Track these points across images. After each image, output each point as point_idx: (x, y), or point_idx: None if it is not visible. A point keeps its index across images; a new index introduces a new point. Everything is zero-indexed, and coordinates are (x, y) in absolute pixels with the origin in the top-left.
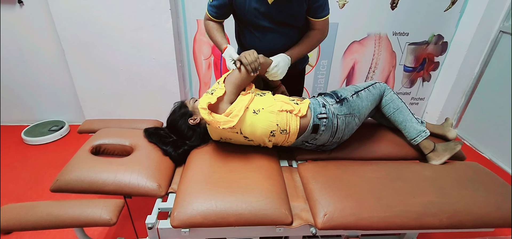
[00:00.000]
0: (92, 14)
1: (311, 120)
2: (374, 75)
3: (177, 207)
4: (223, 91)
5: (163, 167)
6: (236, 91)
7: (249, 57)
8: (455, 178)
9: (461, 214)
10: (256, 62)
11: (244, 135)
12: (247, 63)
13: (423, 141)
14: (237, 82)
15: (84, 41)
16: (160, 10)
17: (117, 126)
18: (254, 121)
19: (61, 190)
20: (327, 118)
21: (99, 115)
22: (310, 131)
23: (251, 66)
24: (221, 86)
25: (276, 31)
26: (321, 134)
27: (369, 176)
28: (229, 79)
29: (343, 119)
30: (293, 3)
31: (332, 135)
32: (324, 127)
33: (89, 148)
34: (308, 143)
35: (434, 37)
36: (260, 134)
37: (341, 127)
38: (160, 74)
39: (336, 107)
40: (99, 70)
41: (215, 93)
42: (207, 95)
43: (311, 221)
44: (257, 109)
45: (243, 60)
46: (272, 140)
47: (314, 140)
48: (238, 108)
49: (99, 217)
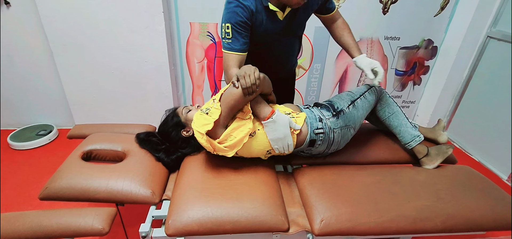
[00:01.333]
0: (83, 15)
1: (308, 135)
2: (367, 79)
3: (171, 214)
4: (219, 113)
5: (157, 173)
6: (231, 114)
7: (248, 79)
8: (448, 182)
9: (455, 218)
10: (254, 86)
11: (240, 155)
12: (245, 85)
13: (417, 145)
14: (233, 105)
15: (74, 43)
16: (153, 12)
17: (109, 130)
18: (251, 143)
19: (51, 198)
20: (324, 133)
21: (89, 120)
22: (307, 144)
23: (248, 90)
24: (217, 106)
25: (282, 43)
26: (317, 147)
27: (365, 181)
28: (225, 100)
29: (339, 132)
30: (300, 13)
31: (328, 147)
32: (321, 142)
33: (79, 154)
34: (303, 152)
35: (424, 41)
36: (256, 153)
37: (337, 139)
38: (153, 77)
39: (332, 121)
40: (90, 73)
41: (212, 116)
42: (202, 116)
43: (307, 227)
44: (253, 131)
45: (242, 81)
46: (268, 156)
47: (310, 151)
48: (236, 139)
49: (91, 226)
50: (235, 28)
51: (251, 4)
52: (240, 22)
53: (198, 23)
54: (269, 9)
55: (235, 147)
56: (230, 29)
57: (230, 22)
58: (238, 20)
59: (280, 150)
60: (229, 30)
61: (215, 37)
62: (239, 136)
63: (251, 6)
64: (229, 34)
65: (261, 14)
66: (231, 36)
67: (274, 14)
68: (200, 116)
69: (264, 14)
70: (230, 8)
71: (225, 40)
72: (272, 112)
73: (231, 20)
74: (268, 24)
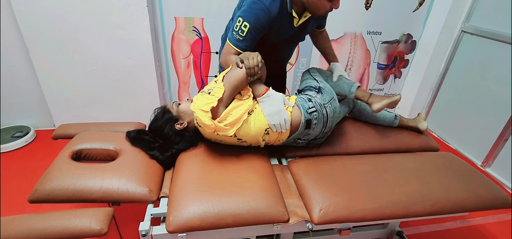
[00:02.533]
0: (61, 10)
1: (303, 117)
2: (351, 72)
3: (172, 211)
4: (222, 92)
5: (153, 171)
6: (234, 94)
7: (252, 60)
8: (433, 168)
9: (442, 201)
10: (257, 67)
11: (238, 137)
12: (249, 66)
13: (358, 91)
14: (236, 84)
15: (52, 39)
16: (136, 7)
17: (97, 129)
18: (250, 122)
19: (41, 200)
20: (317, 111)
21: (70, 119)
22: (303, 127)
23: (251, 71)
24: (220, 86)
25: (286, 47)
26: (314, 127)
27: (358, 169)
28: (228, 80)
29: (330, 107)
30: (310, 24)
31: (324, 125)
32: (316, 120)
33: (69, 154)
34: (300, 140)
35: (404, 36)
36: (255, 134)
37: (330, 114)
38: (137, 74)
39: (319, 97)
40: (69, 71)
41: (215, 95)
42: (204, 96)
43: (307, 217)
44: (250, 110)
45: (246, 62)
46: (266, 138)
47: (307, 135)
48: (236, 117)
49: (89, 227)
50: (252, 30)
51: (275, 9)
52: (260, 27)
53: (183, 18)
54: (291, 15)
55: (235, 124)
56: (247, 29)
57: (250, 23)
58: (259, 24)
59: (277, 127)
60: (245, 29)
61: (201, 33)
62: (238, 113)
63: (274, 10)
64: (244, 32)
65: (281, 19)
66: (244, 36)
67: (292, 21)
68: (202, 97)
69: (284, 19)
70: (254, 8)
71: (237, 35)
72: (267, 89)
73: (252, 22)
74: (284, 29)
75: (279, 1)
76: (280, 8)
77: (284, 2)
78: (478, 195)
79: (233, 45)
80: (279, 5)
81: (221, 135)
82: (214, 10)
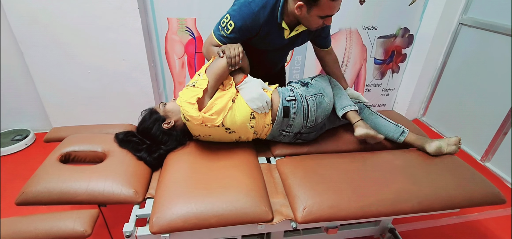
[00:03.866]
0: (53, 14)
1: (280, 103)
2: (347, 68)
3: (155, 212)
4: (206, 83)
5: (139, 172)
6: (217, 84)
7: (233, 50)
8: (424, 165)
9: (430, 198)
10: (238, 57)
11: (226, 127)
12: (229, 55)
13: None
14: (219, 73)
15: (46, 43)
16: (127, 9)
17: (88, 132)
18: (235, 110)
19: (28, 202)
20: (296, 100)
21: (67, 122)
22: (280, 114)
23: (232, 60)
24: (204, 77)
25: (277, 54)
26: (293, 117)
27: (346, 168)
28: (210, 71)
29: (313, 100)
30: (304, 37)
31: (305, 117)
32: (295, 109)
33: (57, 156)
34: (284, 131)
35: (401, 30)
36: (241, 120)
37: (312, 108)
38: (132, 75)
39: (303, 89)
40: (65, 73)
41: (200, 86)
42: (189, 89)
43: (291, 216)
44: (233, 98)
45: (227, 52)
46: (253, 124)
47: (289, 126)
48: (221, 105)
49: (72, 229)
50: (236, 30)
51: (263, 16)
52: (245, 29)
53: (175, 18)
54: (280, 26)
55: (221, 112)
56: (232, 27)
57: (236, 24)
58: (244, 27)
59: (260, 109)
60: (231, 28)
61: (194, 32)
62: (223, 102)
63: (262, 18)
64: (228, 30)
65: (269, 26)
66: (228, 34)
67: (282, 32)
68: (187, 90)
69: (272, 28)
70: (243, 11)
71: (221, 31)
72: (245, 76)
73: (238, 23)
74: (272, 38)
75: (269, 10)
76: (268, 17)
77: (275, 12)
78: (468, 191)
79: (216, 39)
80: (268, 14)
81: (209, 125)
82: (207, 9)
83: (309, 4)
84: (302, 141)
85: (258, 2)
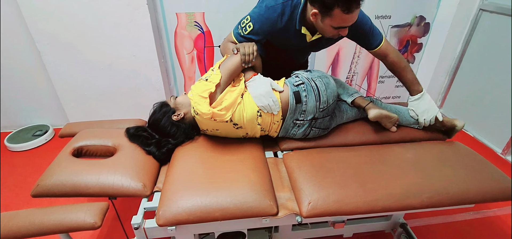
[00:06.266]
0: (66, 13)
1: (290, 90)
2: (359, 59)
3: (162, 205)
4: (219, 78)
5: (148, 166)
6: (230, 80)
7: (247, 48)
8: (436, 159)
9: (441, 193)
10: (252, 55)
11: (234, 123)
12: (244, 53)
13: (358, 98)
14: (232, 70)
15: (61, 42)
16: (136, 5)
17: (99, 127)
18: (242, 104)
19: (43, 195)
20: (303, 83)
21: (83, 117)
22: (293, 101)
23: (246, 58)
24: (217, 73)
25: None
26: (306, 101)
27: (353, 162)
28: (224, 66)
29: (320, 80)
30: (323, 41)
31: (317, 98)
32: (305, 92)
33: (70, 151)
34: (298, 121)
35: (416, 18)
36: (249, 117)
37: (321, 88)
38: (143, 71)
39: (307, 73)
40: (79, 71)
41: (213, 81)
42: (201, 82)
43: (296, 210)
44: (242, 93)
45: (241, 49)
46: (260, 122)
47: (303, 112)
48: (230, 101)
49: (83, 221)
50: (255, 32)
51: (282, 23)
52: (262, 32)
53: (184, 13)
54: (300, 32)
55: (231, 108)
56: (250, 29)
57: (255, 26)
58: (261, 29)
59: (266, 108)
60: (249, 29)
61: (203, 27)
62: (232, 97)
63: (281, 24)
64: (247, 31)
65: (289, 32)
66: (246, 33)
67: (303, 37)
68: (200, 84)
69: (292, 33)
70: (262, 15)
71: (240, 30)
72: (254, 74)
73: (256, 26)
74: (293, 42)
75: (287, 17)
76: (287, 23)
77: (294, 19)
78: (483, 186)
79: (235, 37)
80: (287, 20)
81: (218, 120)
82: (215, 4)
83: (323, 13)
84: (317, 129)
85: (276, 8)
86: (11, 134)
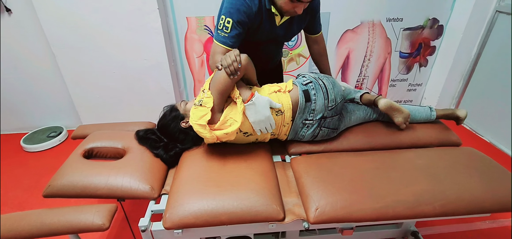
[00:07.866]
0: (80, 18)
1: (299, 89)
2: (370, 63)
3: (169, 208)
4: (212, 101)
5: (156, 169)
6: (223, 98)
7: (228, 59)
8: (449, 165)
9: (454, 201)
10: (235, 63)
11: (244, 132)
12: (226, 65)
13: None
14: (221, 88)
15: (74, 46)
16: (147, 10)
17: (110, 129)
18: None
19: (54, 195)
20: (312, 82)
21: (95, 119)
22: (303, 99)
23: (230, 68)
24: (208, 95)
25: (270, 47)
26: (315, 99)
27: (362, 167)
28: (213, 86)
29: (327, 79)
30: (295, 25)
31: (325, 96)
32: (314, 90)
33: (81, 152)
34: (307, 120)
35: (429, 21)
36: None
37: (329, 86)
38: (153, 74)
39: (313, 74)
40: (92, 74)
41: (207, 105)
42: (197, 109)
43: (303, 216)
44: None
45: (223, 62)
46: None
47: (312, 111)
48: (233, 128)
49: (92, 222)
50: (235, 25)
51: (254, 6)
52: (242, 21)
53: (194, 17)
54: (270, 12)
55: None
56: (230, 24)
57: (232, 18)
58: (241, 18)
59: (262, 130)
60: (229, 25)
61: (212, 31)
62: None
63: (253, 6)
64: (228, 29)
65: (261, 15)
66: (229, 31)
67: (273, 19)
68: (195, 110)
69: (264, 16)
70: (234, 3)
71: (221, 33)
72: (252, 95)
73: (234, 17)
74: (265, 26)
75: None
76: (259, 5)
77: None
78: (499, 194)
79: (219, 43)
80: (258, 2)
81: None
82: None
83: None
84: (326, 129)
85: None
86: (27, 135)
